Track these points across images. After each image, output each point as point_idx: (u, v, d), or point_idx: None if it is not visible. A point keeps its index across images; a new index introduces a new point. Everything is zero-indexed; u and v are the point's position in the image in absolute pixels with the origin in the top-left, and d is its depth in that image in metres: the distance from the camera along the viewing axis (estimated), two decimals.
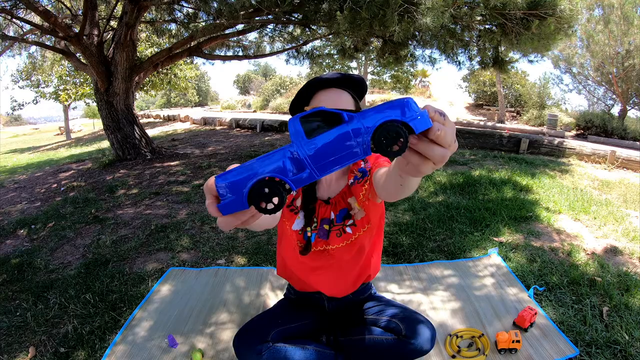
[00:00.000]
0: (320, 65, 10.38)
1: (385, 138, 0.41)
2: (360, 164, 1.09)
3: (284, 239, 1.22)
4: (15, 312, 1.81)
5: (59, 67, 12.34)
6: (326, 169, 0.43)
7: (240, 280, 1.97)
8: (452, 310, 1.68)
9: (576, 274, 1.95)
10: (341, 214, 1.12)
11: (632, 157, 5.05)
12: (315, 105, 0.99)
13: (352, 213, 1.12)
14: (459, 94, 24.19)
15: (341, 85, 1.03)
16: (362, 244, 1.14)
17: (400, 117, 0.42)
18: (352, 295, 1.26)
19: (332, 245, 1.12)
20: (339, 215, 1.12)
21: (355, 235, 1.12)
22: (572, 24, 3.94)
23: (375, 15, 3.37)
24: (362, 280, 1.24)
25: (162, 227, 2.73)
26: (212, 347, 1.48)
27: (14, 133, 26.12)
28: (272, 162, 0.42)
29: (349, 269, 1.17)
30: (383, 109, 0.43)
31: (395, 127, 0.41)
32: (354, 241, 1.12)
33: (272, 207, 0.42)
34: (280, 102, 18.05)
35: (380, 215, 1.19)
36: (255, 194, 0.42)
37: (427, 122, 0.42)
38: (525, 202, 3.09)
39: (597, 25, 9.29)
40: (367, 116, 0.43)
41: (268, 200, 0.42)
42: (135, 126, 5.33)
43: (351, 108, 1.01)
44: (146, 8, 4.98)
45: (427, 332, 1.11)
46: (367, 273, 1.24)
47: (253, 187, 0.42)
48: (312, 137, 0.43)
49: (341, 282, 1.20)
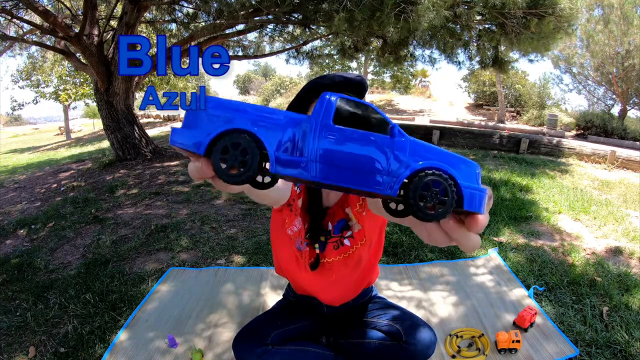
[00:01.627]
0: (320, 65, 10.37)
1: (425, 190, 0.30)
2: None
3: (280, 236, 1.14)
4: (15, 312, 1.81)
5: (59, 67, 12.34)
6: (329, 176, 0.31)
7: (240, 280, 1.97)
8: (452, 310, 1.68)
9: (576, 274, 1.95)
10: (339, 225, 1.06)
11: (632, 157, 5.05)
12: None
13: (350, 224, 1.06)
14: (458, 94, 24.22)
15: (342, 89, 0.96)
16: (361, 255, 1.08)
17: (456, 176, 0.31)
18: (352, 301, 1.24)
19: (328, 258, 1.06)
20: (336, 227, 1.06)
21: (353, 249, 1.06)
22: (572, 23, 3.94)
23: (372, 15, 3.37)
24: (361, 288, 1.21)
25: (162, 227, 2.73)
26: (212, 347, 1.48)
27: (14, 133, 26.11)
28: (269, 122, 0.32)
29: (346, 281, 1.13)
30: (443, 153, 0.32)
31: (447, 184, 0.31)
32: (352, 254, 1.06)
33: (235, 173, 0.30)
34: (280, 102, 18.05)
35: (380, 227, 1.13)
36: (220, 146, 0.30)
37: (480, 204, 0.32)
38: (525, 202, 3.09)
39: (597, 25, 9.30)
40: (420, 147, 0.32)
41: (232, 163, 0.30)
42: (135, 126, 5.33)
43: None
44: (146, 8, 4.98)
45: (427, 338, 1.10)
46: (366, 280, 1.21)
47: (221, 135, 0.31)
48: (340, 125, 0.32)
49: (338, 292, 1.16)
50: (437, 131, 6.52)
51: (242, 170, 0.30)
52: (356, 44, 6.00)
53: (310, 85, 0.95)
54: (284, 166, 0.31)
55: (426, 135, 6.58)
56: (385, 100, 17.04)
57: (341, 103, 0.32)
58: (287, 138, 0.31)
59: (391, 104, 16.57)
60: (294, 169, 0.31)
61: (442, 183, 0.30)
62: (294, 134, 0.31)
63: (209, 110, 0.32)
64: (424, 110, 15.34)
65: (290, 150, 0.31)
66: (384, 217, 1.11)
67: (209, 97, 0.33)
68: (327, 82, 0.94)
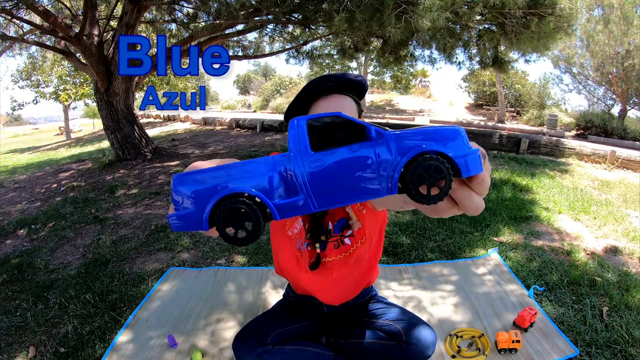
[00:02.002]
0: (320, 65, 10.37)
1: (422, 177, 0.31)
2: None
3: (280, 237, 1.13)
4: (15, 312, 1.81)
5: (59, 67, 12.34)
6: (328, 201, 0.31)
7: (240, 280, 1.97)
8: (452, 310, 1.68)
9: (576, 274, 1.95)
10: (339, 224, 1.06)
11: (632, 157, 5.05)
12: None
13: (350, 223, 1.06)
14: (458, 94, 24.22)
15: (342, 90, 0.94)
16: (361, 254, 1.08)
17: (445, 151, 0.32)
18: (351, 300, 1.24)
19: (328, 257, 1.06)
20: (337, 226, 1.06)
21: (354, 247, 1.06)
22: (572, 23, 3.94)
23: (373, 15, 3.38)
24: (361, 287, 1.21)
25: (162, 227, 2.73)
26: (212, 347, 1.48)
27: (14, 133, 26.11)
28: (255, 175, 0.31)
29: (346, 280, 1.13)
30: (424, 133, 0.32)
31: (438, 163, 0.31)
32: (352, 253, 1.06)
33: (244, 235, 0.31)
34: (280, 102, 18.05)
35: (380, 226, 1.13)
36: (222, 214, 0.30)
37: (478, 166, 0.33)
38: (525, 202, 3.09)
39: (597, 25, 9.30)
40: (401, 138, 0.32)
41: (238, 226, 0.30)
42: (135, 126, 5.33)
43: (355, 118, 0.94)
44: (146, 8, 4.98)
45: (427, 339, 1.10)
46: (366, 280, 1.21)
47: (219, 205, 0.31)
48: (319, 150, 0.32)
49: (338, 292, 1.16)
50: None
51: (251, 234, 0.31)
52: (356, 44, 6.01)
53: (308, 89, 0.94)
54: (286, 211, 0.31)
55: None
56: (385, 100, 17.05)
57: (311, 124, 0.33)
58: (276, 185, 0.31)
59: (391, 104, 16.58)
60: (295, 210, 0.31)
61: (434, 164, 0.31)
62: (280, 177, 0.32)
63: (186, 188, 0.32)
64: (424, 110, 15.35)
65: (284, 193, 0.31)
66: (384, 215, 1.12)
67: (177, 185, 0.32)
68: (328, 85, 0.93)
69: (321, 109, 0.93)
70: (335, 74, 0.94)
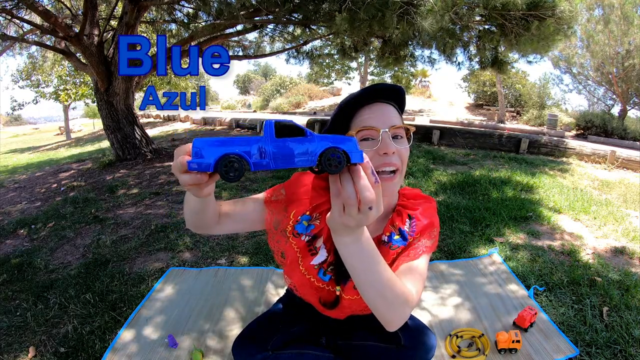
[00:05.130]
0: (320, 65, 10.37)
1: (329, 158, 0.56)
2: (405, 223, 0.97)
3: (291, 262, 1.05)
4: (15, 312, 1.81)
5: (59, 67, 12.35)
6: (279, 164, 0.55)
7: (240, 280, 1.97)
8: (452, 310, 1.68)
9: (576, 274, 1.95)
10: None
11: (632, 157, 5.06)
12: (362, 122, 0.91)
13: None
14: (458, 94, 24.17)
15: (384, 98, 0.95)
16: None
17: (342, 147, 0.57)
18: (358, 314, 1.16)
19: (345, 296, 1.01)
20: None
21: None
22: (572, 25, 3.95)
23: (374, 16, 3.38)
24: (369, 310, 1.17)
25: (162, 227, 2.73)
26: (212, 347, 1.48)
27: (14, 133, 26.12)
28: (244, 145, 0.53)
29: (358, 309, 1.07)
30: (335, 138, 0.57)
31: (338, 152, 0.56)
32: None
33: (232, 175, 0.51)
34: (280, 102, 18.06)
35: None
36: (224, 162, 0.52)
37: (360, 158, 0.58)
38: (526, 202, 3.09)
39: (597, 25, 9.30)
40: (322, 139, 0.57)
41: (230, 170, 0.51)
42: (135, 126, 5.33)
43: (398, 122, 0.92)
44: (146, 8, 4.98)
45: (427, 342, 1.09)
46: None
47: (223, 156, 0.52)
48: (279, 137, 0.55)
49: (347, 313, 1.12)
50: (437, 131, 6.50)
51: (237, 174, 0.52)
52: (356, 44, 6.01)
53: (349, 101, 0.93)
54: (257, 166, 0.53)
55: (426, 135, 6.57)
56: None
57: (277, 125, 0.56)
58: (254, 152, 0.53)
59: None
60: (262, 166, 0.54)
61: (337, 153, 0.56)
62: (259, 146, 0.54)
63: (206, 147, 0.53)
64: (424, 110, 15.36)
65: (258, 156, 0.54)
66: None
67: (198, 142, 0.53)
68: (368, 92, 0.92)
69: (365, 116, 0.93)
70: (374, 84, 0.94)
